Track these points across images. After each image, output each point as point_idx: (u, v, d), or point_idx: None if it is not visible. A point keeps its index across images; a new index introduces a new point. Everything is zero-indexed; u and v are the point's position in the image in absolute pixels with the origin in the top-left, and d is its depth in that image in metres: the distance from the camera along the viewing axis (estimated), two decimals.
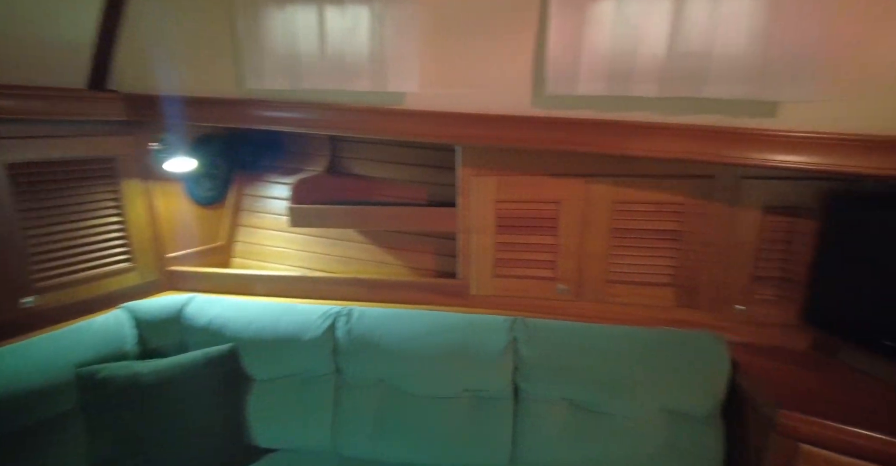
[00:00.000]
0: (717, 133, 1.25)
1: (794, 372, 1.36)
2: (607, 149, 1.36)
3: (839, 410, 1.18)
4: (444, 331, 1.56)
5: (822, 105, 1.18)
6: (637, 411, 1.43)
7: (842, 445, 1.12)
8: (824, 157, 1.20)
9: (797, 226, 1.43)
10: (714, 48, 1.11)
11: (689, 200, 1.48)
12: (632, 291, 1.60)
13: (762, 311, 1.51)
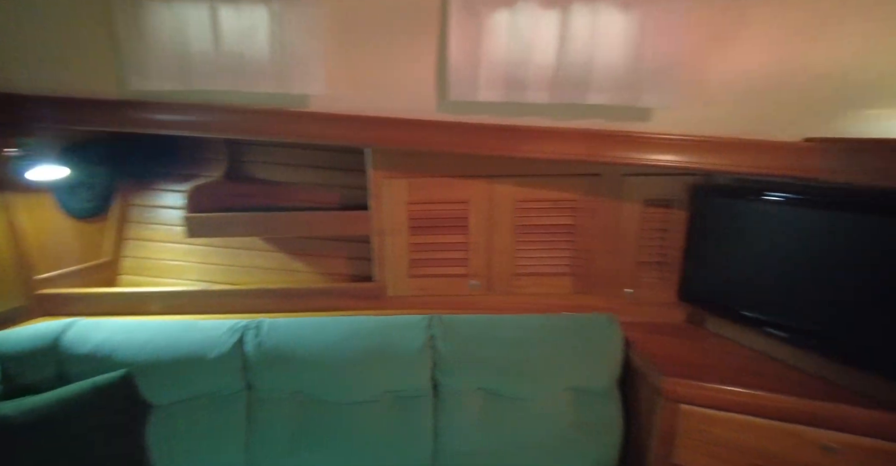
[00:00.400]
0: (601, 136, 1.40)
1: (673, 344, 1.57)
2: (506, 152, 1.45)
3: (709, 373, 1.38)
4: (361, 336, 1.55)
5: (683, 111, 1.37)
6: (545, 392, 1.54)
7: (712, 402, 1.32)
8: (689, 156, 1.40)
9: (671, 216, 1.65)
10: (594, 59, 1.25)
11: (581, 197, 1.63)
12: (536, 282, 1.72)
13: (646, 293, 1.71)
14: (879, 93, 1.28)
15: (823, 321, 1.33)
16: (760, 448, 1.29)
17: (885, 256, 1.20)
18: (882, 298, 1.21)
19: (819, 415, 1.24)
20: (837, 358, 1.31)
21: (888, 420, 1.19)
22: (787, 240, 1.39)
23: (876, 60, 1.26)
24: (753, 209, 1.46)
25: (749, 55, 1.31)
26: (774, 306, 1.44)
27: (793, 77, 1.31)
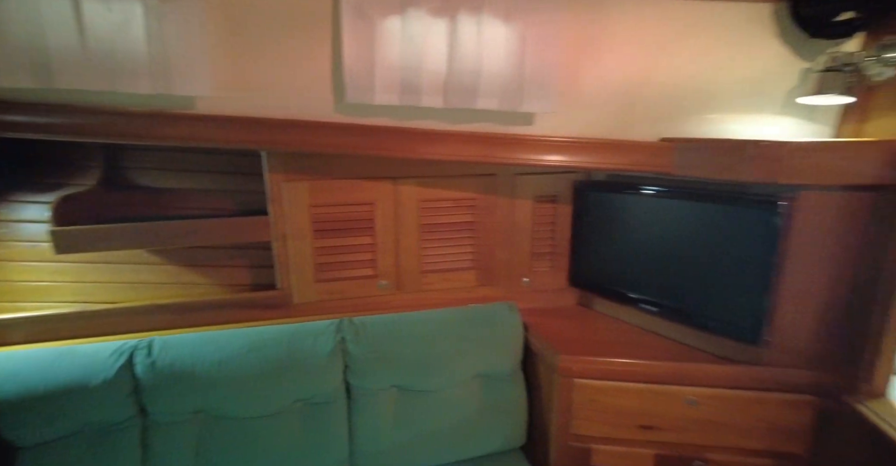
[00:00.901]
0: (492, 139, 1.50)
1: (567, 325, 1.73)
2: (405, 154, 1.50)
3: (598, 348, 1.56)
4: (266, 346, 1.50)
5: (562, 116, 1.53)
6: (456, 381, 1.63)
7: (601, 373, 1.49)
8: (569, 156, 1.55)
9: (558, 211, 1.81)
10: (481, 67, 1.35)
11: (479, 195, 1.74)
12: (443, 278, 1.79)
13: (541, 281, 1.87)
14: (717, 100, 1.53)
15: (683, 295, 1.56)
16: (641, 409, 1.49)
17: (727, 238, 1.44)
18: (727, 274, 1.46)
19: (683, 375, 1.46)
20: (696, 325, 1.55)
21: (735, 372, 1.44)
22: (653, 228, 1.61)
23: (713, 73, 1.50)
24: (626, 201, 1.67)
25: (614, 65, 1.49)
26: (646, 285, 1.66)
27: (650, 85, 1.52)
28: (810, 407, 1.41)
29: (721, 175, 1.39)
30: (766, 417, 1.44)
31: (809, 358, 1.40)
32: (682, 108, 1.55)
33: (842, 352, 1.38)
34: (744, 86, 1.49)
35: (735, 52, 1.45)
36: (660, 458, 1.51)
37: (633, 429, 1.50)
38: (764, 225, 1.35)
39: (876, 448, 1.26)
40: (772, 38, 1.42)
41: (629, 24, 1.45)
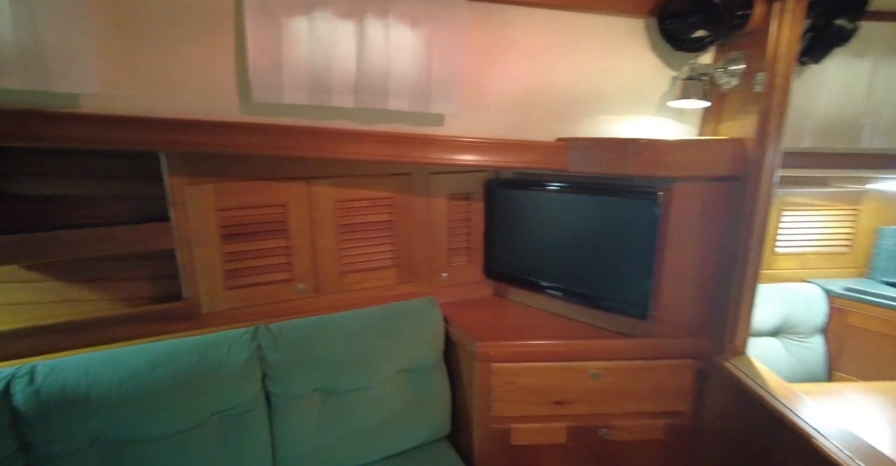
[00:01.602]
0: (405, 138, 1.55)
1: (483, 315, 1.83)
2: (318, 154, 1.49)
3: (512, 333, 1.66)
4: (174, 360, 1.41)
5: (470, 117, 1.62)
6: (381, 379, 1.65)
7: (516, 356, 1.60)
8: (477, 155, 1.64)
9: (472, 207, 1.91)
10: (391, 69, 1.39)
11: (396, 194, 1.77)
12: (363, 278, 1.81)
13: (459, 274, 1.95)
14: (603, 103, 1.71)
15: (584, 280, 1.73)
16: (552, 386, 1.62)
17: (617, 227, 1.62)
18: (619, 259, 1.64)
19: (587, 351, 1.61)
20: (596, 306, 1.72)
21: (629, 345, 1.62)
22: (556, 220, 1.76)
23: (600, 78, 1.67)
24: (531, 197, 1.80)
25: (515, 71, 1.61)
26: (552, 273, 1.81)
27: (547, 89, 1.66)
28: (690, 369, 1.64)
29: (609, 170, 1.56)
30: (656, 382, 1.64)
31: (687, 327, 1.63)
32: (575, 111, 1.71)
33: (712, 321, 1.63)
34: (625, 90, 1.68)
35: (617, 60, 1.64)
36: (571, 430, 1.66)
37: (547, 405, 1.63)
38: (646, 213, 1.54)
39: (739, 395, 1.50)
40: (646, 49, 1.63)
41: (527, 34, 1.57)
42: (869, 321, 1.99)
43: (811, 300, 2.11)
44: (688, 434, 1.70)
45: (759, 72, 1.43)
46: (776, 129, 1.44)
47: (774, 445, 1.35)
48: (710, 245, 1.58)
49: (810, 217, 2.24)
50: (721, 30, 1.43)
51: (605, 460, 1.71)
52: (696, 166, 1.51)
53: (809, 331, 2.11)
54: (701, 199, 1.54)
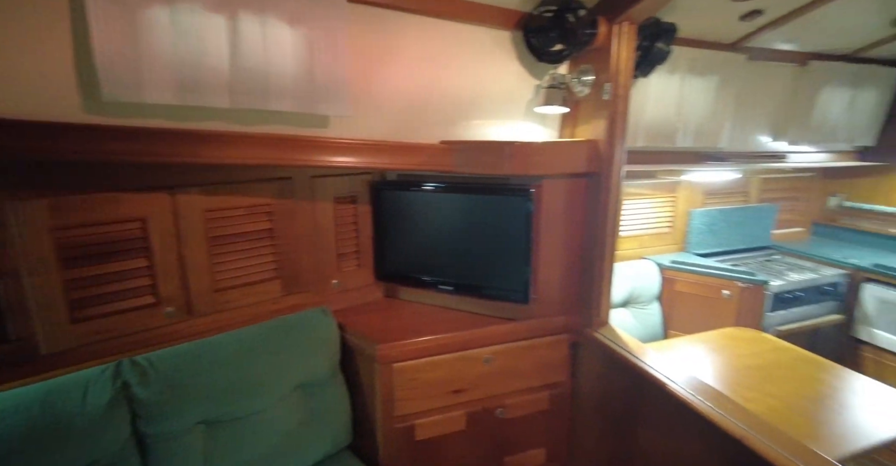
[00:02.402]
0: (287, 141, 1.46)
1: (378, 317, 1.83)
2: (186, 159, 1.32)
3: (408, 332, 1.68)
4: (6, 419, 1.14)
5: (356, 119, 1.58)
6: (274, 398, 1.54)
7: (415, 353, 1.63)
8: (363, 157, 1.61)
9: (359, 210, 1.87)
10: (270, 68, 1.29)
11: (276, 200, 1.66)
12: (244, 293, 1.66)
13: (349, 280, 1.91)
14: (481, 108, 1.81)
15: (471, 273, 1.83)
16: (450, 376, 1.69)
17: (497, 222, 1.75)
18: (501, 251, 1.77)
19: (479, 339, 1.72)
20: (483, 296, 1.83)
21: (515, 328, 1.76)
22: (441, 219, 1.83)
23: (477, 85, 1.76)
24: (416, 198, 1.84)
25: (400, 75, 1.63)
26: (441, 269, 1.88)
27: (430, 93, 1.70)
28: (566, 343, 1.86)
29: (489, 170, 1.67)
30: (539, 358, 1.82)
31: (561, 306, 1.84)
32: (456, 114, 1.79)
33: (580, 298, 1.86)
34: (497, 96, 1.81)
35: (490, 68, 1.75)
36: (469, 415, 1.76)
37: (446, 396, 1.70)
38: (521, 208, 1.70)
39: (606, 359, 1.75)
40: (514, 59, 1.77)
41: (410, 40, 1.60)
42: (689, 286, 2.47)
43: (648, 273, 2.54)
44: (567, 400, 1.92)
45: (605, 82, 1.67)
46: (621, 132, 1.70)
47: (637, 395, 1.61)
48: (574, 233, 1.80)
49: (643, 204, 2.68)
50: (574, 45, 1.63)
51: (500, 438, 1.85)
52: (561, 165, 1.70)
53: (649, 300, 2.54)
54: (565, 194, 1.75)
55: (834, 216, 3.16)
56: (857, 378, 1.78)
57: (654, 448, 1.55)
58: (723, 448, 1.27)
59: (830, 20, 2.06)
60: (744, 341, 2.07)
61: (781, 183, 3.09)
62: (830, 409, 1.58)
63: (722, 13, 1.87)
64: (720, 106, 2.26)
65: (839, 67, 2.45)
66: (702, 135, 2.27)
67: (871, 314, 2.53)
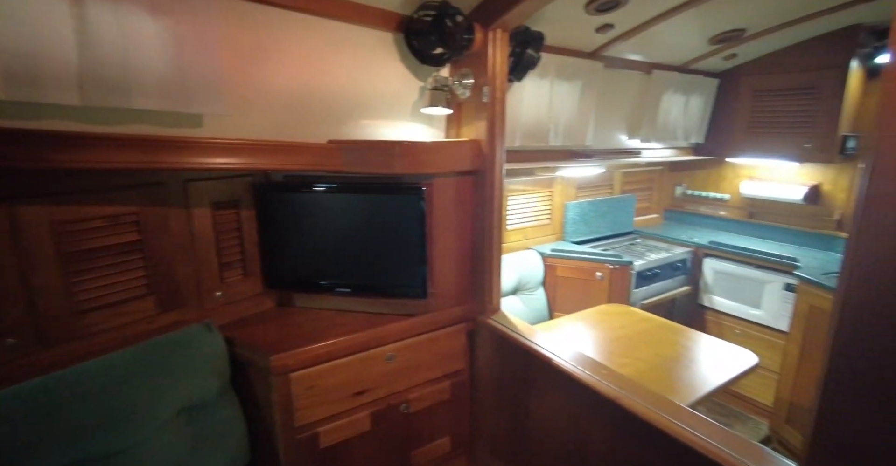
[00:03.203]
0: (155, 142, 1.32)
1: (271, 328, 1.74)
2: (26, 164, 1.14)
3: (305, 339, 1.64)
4: None
5: (235, 118, 1.49)
6: (155, 428, 1.39)
7: (314, 360, 1.59)
8: (244, 158, 1.52)
9: (242, 216, 1.76)
10: (131, 62, 1.16)
11: (145, 209, 1.50)
12: (110, 315, 1.47)
13: (235, 291, 1.79)
14: (368, 108, 1.81)
15: (368, 273, 1.83)
16: (352, 378, 1.68)
17: (391, 220, 1.77)
18: (396, 249, 1.79)
19: (380, 337, 1.73)
20: (382, 295, 1.85)
21: (415, 323, 1.81)
22: (333, 220, 1.80)
23: (363, 85, 1.76)
24: (305, 199, 1.79)
25: (282, 72, 1.56)
26: (337, 272, 1.85)
27: (315, 92, 1.66)
28: (463, 332, 1.95)
29: (380, 169, 1.69)
30: (439, 350, 1.89)
31: (457, 297, 1.92)
32: (343, 114, 1.77)
33: (473, 288, 1.96)
34: (384, 97, 1.83)
35: (376, 68, 1.76)
36: (374, 415, 1.76)
37: (349, 399, 1.69)
38: (413, 206, 1.74)
39: (500, 343, 1.87)
40: (398, 60, 1.80)
41: (292, 37, 1.54)
42: (568, 271, 2.72)
43: (533, 262, 2.75)
44: (467, 387, 2.02)
45: (484, 85, 1.78)
46: (501, 132, 1.83)
47: (528, 372, 1.75)
48: (465, 227, 1.90)
49: (525, 199, 2.90)
50: (453, 49, 1.71)
51: (407, 432, 1.88)
52: (449, 163, 1.78)
53: (535, 286, 2.75)
54: (454, 191, 1.83)
55: (680, 203, 3.71)
56: (703, 337, 2.12)
57: (546, 419, 1.70)
58: (602, 409, 1.44)
59: (665, 36, 2.42)
60: (615, 315, 2.35)
61: (638, 176, 3.55)
62: (683, 365, 1.86)
63: (581, 25, 2.09)
64: (584, 108, 2.53)
65: (675, 77, 2.89)
66: (570, 135, 2.52)
67: (711, 283, 3.02)
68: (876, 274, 0.81)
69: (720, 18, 2.34)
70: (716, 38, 2.56)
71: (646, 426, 1.27)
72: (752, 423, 2.77)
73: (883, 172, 0.80)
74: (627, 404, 1.33)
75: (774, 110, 2.93)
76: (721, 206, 3.45)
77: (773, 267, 2.71)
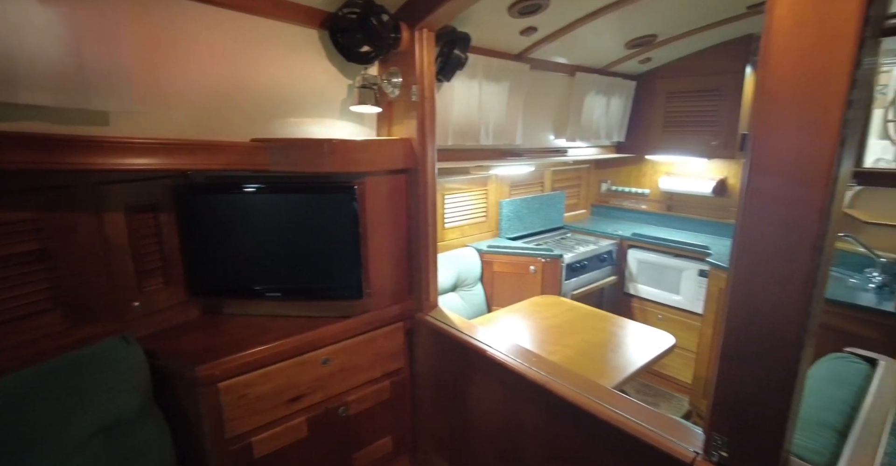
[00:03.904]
0: (56, 141, 1.21)
1: (197, 337, 1.66)
2: None
3: (235, 346, 1.57)
4: None
5: (146, 115, 1.40)
6: (68, 451, 1.27)
7: (244, 368, 1.53)
8: (160, 159, 1.43)
9: (160, 219, 1.66)
10: (18, 52, 1.06)
11: (47, 215, 1.37)
12: (10, 332, 1.34)
13: (156, 300, 1.68)
14: (295, 106, 1.76)
15: (301, 276, 1.79)
16: (286, 384, 1.63)
17: (323, 220, 1.74)
18: (329, 250, 1.76)
19: (314, 341, 1.69)
20: (316, 298, 1.81)
21: (351, 325, 1.79)
22: (263, 222, 1.74)
23: (289, 82, 1.71)
24: (232, 201, 1.72)
25: (199, 67, 1.49)
26: (268, 276, 1.79)
27: (237, 89, 1.59)
28: (401, 330, 1.95)
29: (309, 168, 1.65)
30: (377, 350, 1.88)
31: (394, 296, 1.93)
32: (267, 112, 1.71)
33: (411, 286, 1.97)
34: (311, 94, 1.79)
35: (301, 66, 1.72)
36: (311, 421, 1.72)
37: (284, 406, 1.64)
38: (346, 206, 1.72)
39: (438, 338, 1.90)
40: (324, 58, 1.77)
41: (209, 31, 1.47)
42: (504, 266, 2.80)
43: (471, 259, 2.81)
44: (407, 385, 2.02)
45: (413, 84, 1.79)
46: (431, 131, 1.85)
47: (464, 366, 1.79)
48: (399, 225, 1.90)
49: (462, 198, 2.95)
50: (380, 47, 1.71)
51: (346, 436, 1.85)
52: (381, 162, 1.78)
53: (473, 282, 2.81)
54: (387, 189, 1.83)
55: (606, 198, 3.93)
56: (628, 323, 2.27)
57: (484, 411, 1.75)
58: (533, 395, 1.50)
59: (586, 40, 2.56)
60: (546, 306, 2.45)
61: (566, 173, 3.72)
62: (610, 349, 1.98)
63: (506, 27, 2.16)
64: (513, 108, 2.62)
65: (597, 79, 3.06)
66: (500, 135, 2.60)
67: (635, 273, 3.23)
68: (755, 253, 0.92)
69: (635, 24, 2.51)
70: (631, 43, 2.74)
71: (574, 408, 1.34)
72: (676, 400, 2.99)
73: (757, 169, 0.90)
74: (556, 388, 1.39)
75: (685, 110, 3.19)
76: (642, 201, 3.69)
77: (688, 256, 2.94)
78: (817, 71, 0.81)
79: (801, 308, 0.87)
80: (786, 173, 0.86)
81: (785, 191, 0.86)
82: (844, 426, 1.20)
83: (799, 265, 0.86)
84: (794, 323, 0.88)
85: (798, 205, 0.85)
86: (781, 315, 0.89)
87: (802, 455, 1.07)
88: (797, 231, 0.86)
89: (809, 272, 0.85)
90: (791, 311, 0.88)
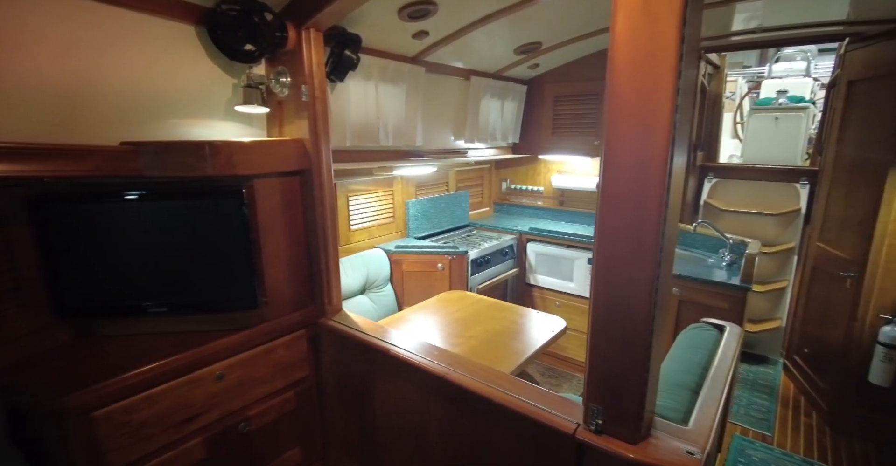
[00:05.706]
0: None
1: (65, 364, 1.47)
2: None
3: (112, 370, 1.42)
4: None
5: None
6: None
7: (123, 392, 1.40)
8: (9, 165, 1.24)
9: (13, 235, 1.45)
10: None
11: None
12: None
13: (12, 326, 1.47)
14: (171, 106, 1.64)
15: (188, 289, 1.66)
16: (178, 405, 1.52)
17: (210, 228, 1.63)
18: (219, 259, 1.66)
19: (205, 357, 1.59)
20: (206, 311, 1.69)
21: (247, 336, 1.71)
22: (141, 232, 1.59)
23: (162, 82, 1.58)
24: (102, 211, 1.55)
25: (46, 64, 1.33)
26: (150, 290, 1.64)
27: (97, 88, 1.44)
28: (304, 338, 1.90)
29: (189, 173, 1.54)
30: (278, 360, 1.81)
31: (293, 303, 1.87)
32: (142, 113, 1.58)
33: (312, 291, 1.93)
34: (191, 95, 1.68)
35: (176, 64, 1.60)
36: (209, 441, 1.62)
37: (175, 428, 1.52)
38: (234, 211, 1.63)
39: (342, 342, 1.88)
40: (203, 56, 1.66)
41: (57, 22, 1.32)
42: (412, 265, 2.84)
43: (379, 260, 2.80)
44: (314, 393, 1.98)
45: (303, 84, 1.75)
46: (324, 131, 1.82)
47: (370, 367, 1.79)
48: (295, 230, 1.85)
49: (367, 199, 2.93)
50: (265, 46, 1.65)
51: (250, 452, 1.77)
52: (271, 164, 1.71)
53: (383, 283, 2.81)
54: (280, 192, 1.77)
55: (506, 196, 4.14)
56: (529, 311, 2.42)
57: (391, 410, 1.76)
58: (435, 388, 1.55)
59: (478, 45, 2.67)
60: (453, 301, 2.53)
61: (469, 173, 3.85)
62: (511, 337, 2.10)
63: (397, 30, 2.19)
64: (411, 110, 2.66)
65: (491, 83, 3.21)
66: (400, 136, 2.63)
67: (534, 264, 3.44)
68: (612, 239, 1.04)
69: (521, 32, 2.67)
70: (520, 49, 2.92)
71: (470, 395, 1.41)
72: (577, 380, 3.24)
73: (609, 167, 1.02)
74: (454, 378, 1.45)
75: (570, 113, 3.46)
76: (538, 197, 3.94)
77: (579, 246, 3.20)
78: (650, 81, 0.94)
79: (650, 282, 1.00)
80: (631, 169, 0.98)
81: (631, 184, 0.99)
82: (698, 385, 1.40)
83: (645, 247, 0.99)
84: (646, 297, 1.01)
85: (642, 196, 0.98)
86: (635, 290, 1.02)
87: (664, 414, 1.23)
88: (642, 218, 0.99)
89: (655, 253, 0.99)
90: (642, 286, 1.01)
